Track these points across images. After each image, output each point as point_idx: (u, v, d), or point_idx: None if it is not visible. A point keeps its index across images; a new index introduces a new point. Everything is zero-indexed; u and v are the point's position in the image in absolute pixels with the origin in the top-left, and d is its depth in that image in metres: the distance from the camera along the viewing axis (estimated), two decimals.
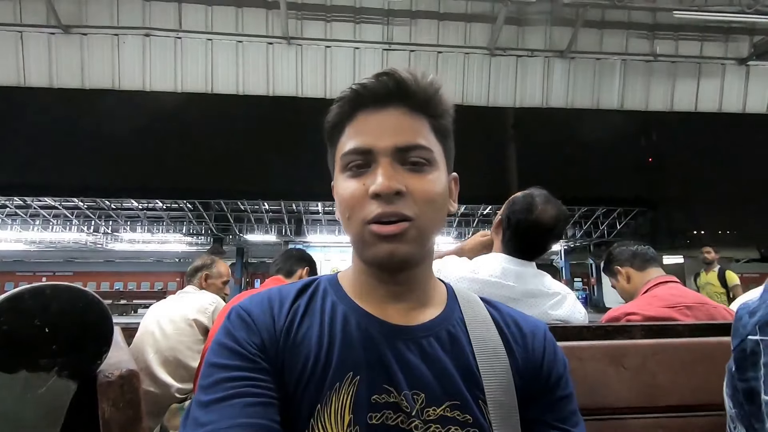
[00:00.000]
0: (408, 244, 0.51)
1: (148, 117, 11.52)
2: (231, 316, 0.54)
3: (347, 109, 0.55)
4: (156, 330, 1.89)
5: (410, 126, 0.53)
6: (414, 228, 0.51)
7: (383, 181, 0.49)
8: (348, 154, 0.53)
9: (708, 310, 1.37)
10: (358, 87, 0.53)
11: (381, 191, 0.49)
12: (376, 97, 0.53)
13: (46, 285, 0.54)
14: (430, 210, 0.52)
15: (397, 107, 0.53)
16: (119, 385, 0.54)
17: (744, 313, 0.54)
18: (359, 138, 0.53)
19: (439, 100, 0.55)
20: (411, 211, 0.50)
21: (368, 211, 0.50)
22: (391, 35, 7.21)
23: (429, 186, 0.52)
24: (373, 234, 0.50)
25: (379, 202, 0.50)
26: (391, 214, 0.50)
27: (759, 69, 7.80)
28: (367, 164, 0.52)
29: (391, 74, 0.53)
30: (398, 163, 0.52)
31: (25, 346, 0.52)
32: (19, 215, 17.01)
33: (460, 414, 0.50)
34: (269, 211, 17.39)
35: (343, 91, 0.55)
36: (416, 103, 0.54)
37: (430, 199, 0.52)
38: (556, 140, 14.28)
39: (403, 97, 0.53)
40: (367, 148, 0.52)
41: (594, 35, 7.51)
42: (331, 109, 0.56)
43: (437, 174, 0.54)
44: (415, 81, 0.53)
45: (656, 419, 0.82)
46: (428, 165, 0.53)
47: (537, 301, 1.10)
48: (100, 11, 6.72)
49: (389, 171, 0.50)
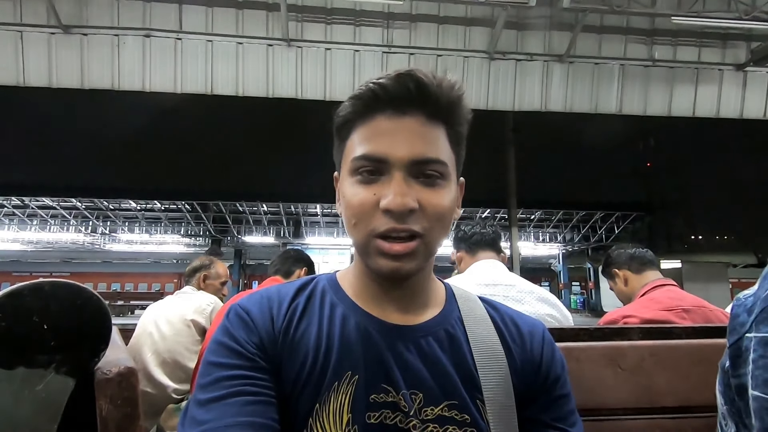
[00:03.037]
0: (414, 261, 0.51)
1: (148, 118, 11.54)
2: (230, 315, 0.54)
3: (362, 108, 0.52)
4: (154, 330, 1.88)
5: (427, 136, 0.51)
6: (422, 244, 0.50)
7: (397, 198, 0.48)
8: (360, 158, 0.51)
9: (705, 313, 1.37)
10: (377, 87, 0.51)
11: (394, 209, 0.48)
12: (395, 101, 0.50)
13: (44, 282, 0.54)
14: (440, 225, 0.51)
15: (415, 114, 0.51)
16: (117, 382, 0.54)
17: (741, 311, 0.54)
18: (373, 144, 0.50)
19: (459, 107, 0.53)
20: (421, 227, 0.49)
21: (377, 224, 0.49)
22: (391, 38, 7.24)
23: (441, 201, 0.51)
24: (380, 249, 0.50)
25: (390, 218, 0.49)
26: (401, 230, 0.49)
27: (756, 75, 7.85)
28: (379, 172, 0.50)
29: (412, 76, 0.50)
30: (412, 176, 0.50)
31: (24, 343, 0.52)
32: (16, 215, 16.96)
33: (458, 414, 0.50)
34: (268, 213, 17.38)
35: (360, 86, 0.52)
36: (435, 110, 0.51)
37: (441, 215, 0.51)
38: (554, 144, 14.32)
39: (423, 103, 0.51)
40: (381, 156, 0.50)
41: (593, 40, 7.55)
42: (345, 104, 0.54)
43: (449, 188, 0.52)
44: (437, 86, 0.51)
45: (653, 420, 0.82)
46: (441, 179, 0.51)
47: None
48: (101, 12, 6.73)
49: (403, 187, 0.49)
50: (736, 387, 0.53)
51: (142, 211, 17.51)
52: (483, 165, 12.19)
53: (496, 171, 12.77)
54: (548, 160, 15.57)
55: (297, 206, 16.90)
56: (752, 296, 0.54)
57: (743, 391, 0.51)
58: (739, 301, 0.55)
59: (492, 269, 1.38)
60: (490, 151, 12.83)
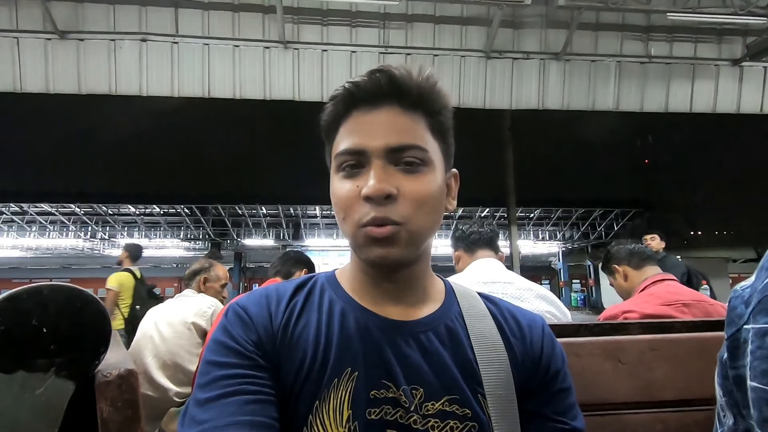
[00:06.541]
0: (399, 248, 0.51)
1: (145, 122, 11.53)
2: (228, 314, 0.54)
3: (341, 107, 0.54)
4: (154, 334, 1.88)
5: (404, 125, 0.52)
6: (404, 231, 0.50)
7: (374, 183, 0.49)
8: (341, 154, 0.52)
9: (705, 307, 1.38)
10: (351, 86, 0.53)
11: (371, 194, 0.49)
12: (370, 95, 0.52)
13: (43, 285, 0.54)
14: (422, 212, 0.51)
15: (391, 106, 0.52)
16: (117, 384, 0.54)
17: (739, 303, 0.54)
18: (352, 138, 0.52)
19: (435, 96, 0.54)
20: (400, 216, 0.50)
21: (362, 214, 0.50)
22: (388, 39, 7.24)
23: (422, 187, 0.51)
24: (367, 236, 0.50)
25: (372, 205, 0.50)
26: (381, 219, 0.49)
27: (752, 70, 7.86)
28: (361, 165, 0.52)
29: (384, 71, 0.52)
30: (391, 164, 0.51)
31: (23, 346, 0.51)
32: (15, 222, 16.93)
33: (459, 408, 0.50)
34: (267, 216, 17.36)
35: (336, 89, 0.54)
36: (411, 101, 0.53)
37: (423, 201, 0.51)
38: (552, 142, 14.35)
39: (397, 95, 0.52)
40: (359, 148, 0.51)
41: (589, 37, 7.56)
42: (326, 107, 0.56)
43: (432, 174, 0.53)
44: (409, 78, 0.52)
45: (653, 414, 0.82)
46: (423, 165, 0.52)
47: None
48: (97, 16, 6.71)
49: (381, 174, 0.50)
50: (735, 378, 0.53)
51: (141, 215, 17.49)
52: (481, 164, 12.21)
53: (494, 170, 12.78)
54: (546, 158, 15.60)
55: (296, 208, 16.89)
56: (749, 288, 0.54)
57: (741, 383, 0.51)
58: (737, 293, 0.55)
59: (490, 268, 1.39)
60: (488, 150, 12.85)
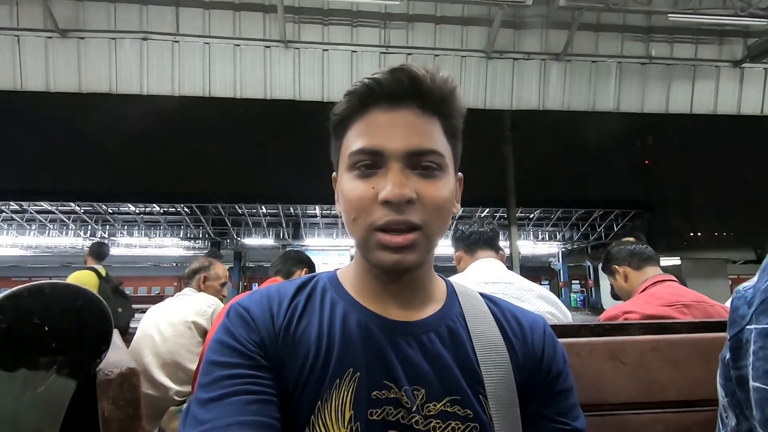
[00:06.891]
0: (415, 254, 0.50)
1: (145, 121, 11.52)
2: (230, 314, 0.54)
3: (357, 103, 0.52)
4: (154, 333, 1.88)
5: (423, 128, 0.51)
6: (422, 236, 0.50)
7: (395, 188, 0.48)
8: (357, 153, 0.51)
9: (705, 308, 1.37)
10: (371, 82, 0.51)
11: (392, 199, 0.48)
12: (390, 94, 0.51)
13: (45, 283, 0.54)
14: (439, 217, 0.51)
15: (410, 107, 0.51)
16: (119, 383, 0.54)
17: (741, 303, 0.54)
18: (369, 138, 0.51)
19: (453, 100, 0.54)
20: (420, 219, 0.49)
21: (376, 217, 0.49)
22: (388, 38, 7.24)
23: (439, 192, 0.51)
24: (380, 242, 0.50)
25: (389, 209, 0.49)
26: (400, 222, 0.49)
27: (753, 71, 7.87)
28: (377, 165, 0.50)
29: (405, 71, 0.51)
30: (409, 167, 0.50)
31: (25, 345, 0.51)
32: (15, 220, 16.92)
33: (461, 409, 0.50)
34: (267, 215, 17.36)
35: (354, 83, 0.53)
36: (430, 103, 0.52)
37: (440, 206, 0.51)
38: (552, 142, 14.34)
39: (416, 96, 0.51)
40: (377, 149, 0.50)
41: (590, 38, 7.56)
42: (340, 101, 0.54)
43: (447, 179, 0.53)
44: (431, 80, 0.51)
45: (654, 414, 0.82)
46: (439, 170, 0.51)
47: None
48: (97, 15, 6.72)
49: (401, 178, 0.49)
50: (737, 379, 0.53)
51: (140, 214, 17.48)
52: (481, 164, 12.21)
53: (494, 170, 12.79)
54: (546, 158, 15.60)
55: (296, 208, 16.89)
56: (752, 288, 0.54)
57: (744, 383, 0.51)
58: (739, 293, 0.56)
59: (491, 268, 1.39)
60: (489, 150, 12.86)
